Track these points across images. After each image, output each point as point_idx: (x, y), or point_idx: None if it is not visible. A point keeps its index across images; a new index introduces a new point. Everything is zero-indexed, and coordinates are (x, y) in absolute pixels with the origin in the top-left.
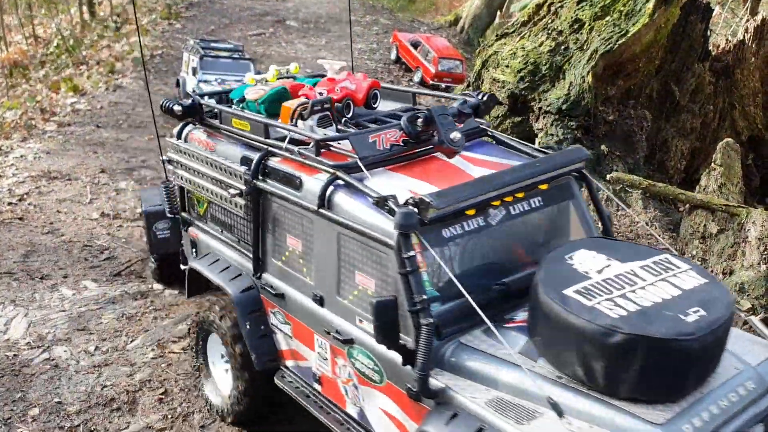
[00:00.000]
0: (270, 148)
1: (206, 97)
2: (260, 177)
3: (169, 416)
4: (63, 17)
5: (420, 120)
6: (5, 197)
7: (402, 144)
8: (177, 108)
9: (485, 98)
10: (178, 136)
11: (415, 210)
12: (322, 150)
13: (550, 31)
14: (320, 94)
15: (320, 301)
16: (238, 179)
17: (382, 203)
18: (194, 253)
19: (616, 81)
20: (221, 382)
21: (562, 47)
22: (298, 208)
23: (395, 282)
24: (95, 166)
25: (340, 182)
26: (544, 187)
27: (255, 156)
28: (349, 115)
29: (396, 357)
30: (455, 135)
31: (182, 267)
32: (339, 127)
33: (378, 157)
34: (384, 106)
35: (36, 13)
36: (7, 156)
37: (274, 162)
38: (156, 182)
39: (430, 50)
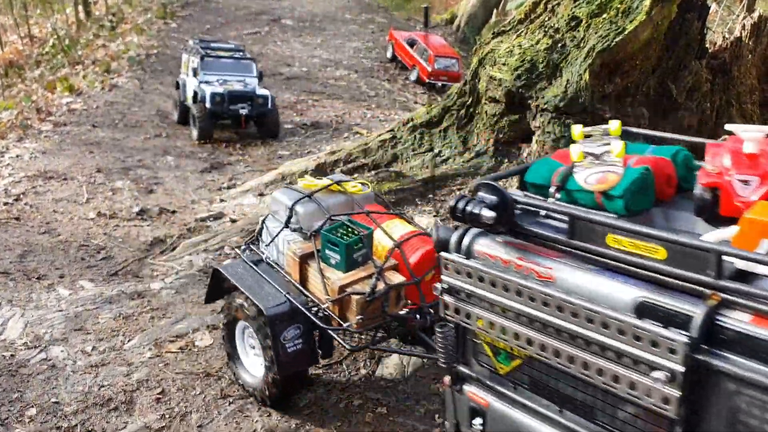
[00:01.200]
0: (729, 297)
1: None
2: (709, 347)
3: (167, 416)
4: (58, 17)
5: None
6: (1, 197)
7: None
8: (487, 214)
9: None
10: (458, 250)
11: None
12: None
13: (546, 29)
14: (745, 183)
15: None
16: (662, 350)
17: None
18: (476, 427)
19: (613, 79)
20: None
21: (559, 45)
22: None
23: None
24: (91, 166)
25: None
26: None
27: (674, 305)
28: None
29: None
30: None
31: None
32: None
33: None
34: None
35: (31, 12)
36: (3, 156)
37: (742, 323)
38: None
39: (426, 48)
